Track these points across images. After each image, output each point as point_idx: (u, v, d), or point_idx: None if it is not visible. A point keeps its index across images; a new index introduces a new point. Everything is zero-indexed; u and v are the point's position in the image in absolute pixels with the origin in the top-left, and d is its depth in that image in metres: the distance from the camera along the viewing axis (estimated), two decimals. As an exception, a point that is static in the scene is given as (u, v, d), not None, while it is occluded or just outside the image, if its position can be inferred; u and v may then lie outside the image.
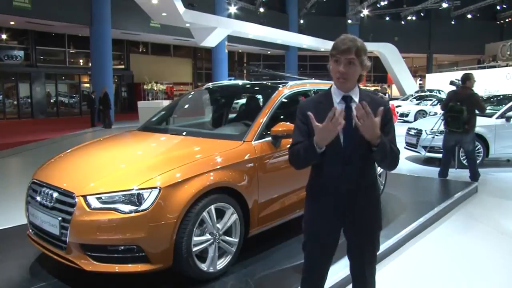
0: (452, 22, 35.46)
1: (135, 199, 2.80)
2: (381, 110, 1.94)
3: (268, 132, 3.59)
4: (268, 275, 3.22)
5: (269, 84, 4.58)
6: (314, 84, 4.52)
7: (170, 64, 30.46)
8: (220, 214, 3.12)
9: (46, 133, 14.29)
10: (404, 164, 8.20)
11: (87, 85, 24.76)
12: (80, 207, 2.79)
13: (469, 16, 33.89)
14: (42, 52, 23.71)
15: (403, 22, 35.24)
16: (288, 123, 3.50)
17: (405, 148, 8.63)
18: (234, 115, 4.86)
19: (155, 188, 2.82)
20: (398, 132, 8.11)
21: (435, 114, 15.59)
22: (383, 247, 3.70)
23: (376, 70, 37.83)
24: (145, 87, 21.70)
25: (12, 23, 20.45)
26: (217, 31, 21.60)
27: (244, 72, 35.49)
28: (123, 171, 3.14)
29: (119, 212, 2.76)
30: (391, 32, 34.49)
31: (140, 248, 2.76)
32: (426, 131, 8.07)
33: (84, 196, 2.82)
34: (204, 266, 3.00)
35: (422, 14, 34.22)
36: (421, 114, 17.75)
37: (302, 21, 34.55)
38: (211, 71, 28.28)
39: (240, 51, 35.45)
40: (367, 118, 1.87)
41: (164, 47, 29.97)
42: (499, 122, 7.88)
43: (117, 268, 2.78)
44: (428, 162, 8.38)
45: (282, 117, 3.95)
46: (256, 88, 4.95)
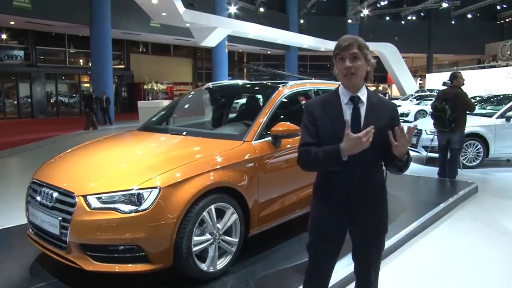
0: (452, 22, 35.46)
1: (135, 199, 2.80)
2: (401, 127, 1.94)
3: (268, 132, 3.59)
4: (268, 275, 3.22)
5: (269, 84, 4.58)
6: (314, 84, 4.52)
7: (170, 64, 30.46)
8: (220, 214, 3.12)
9: (46, 133, 14.29)
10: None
11: (87, 85, 24.76)
12: (80, 207, 2.79)
13: (469, 16, 33.90)
14: (42, 52, 23.72)
15: (403, 22, 35.23)
16: (288, 123, 3.50)
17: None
18: (234, 115, 4.86)
19: (155, 188, 2.82)
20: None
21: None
22: (383, 247, 3.69)
23: (376, 70, 37.64)
24: (145, 87, 21.74)
25: (12, 23, 20.45)
26: (217, 31, 21.60)
27: (244, 70, 35.57)
28: (123, 171, 3.14)
29: (119, 212, 2.76)
30: (391, 32, 34.46)
31: (140, 248, 2.76)
32: (426, 131, 8.07)
33: (84, 196, 2.82)
34: (204, 266, 2.99)
35: (422, 14, 34.21)
36: (421, 114, 17.75)
37: (302, 21, 34.55)
38: (211, 71, 28.28)
39: (240, 51, 35.45)
40: (405, 142, 1.90)
41: (164, 47, 29.97)
42: (499, 122, 7.88)
43: (117, 268, 2.78)
44: (428, 162, 8.37)
45: (282, 117, 3.96)
46: (256, 88, 4.95)
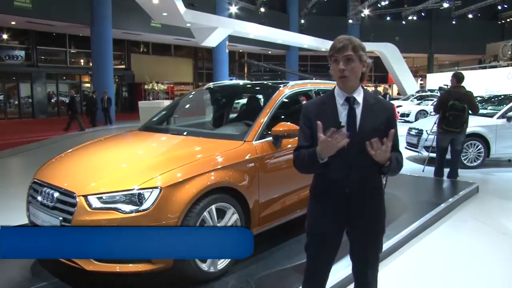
0: (453, 22, 35.46)
1: (136, 199, 2.80)
2: (391, 133, 1.95)
3: (269, 132, 3.59)
4: (269, 275, 3.22)
5: (269, 84, 4.58)
6: (315, 84, 4.52)
7: (171, 64, 30.46)
8: (221, 214, 3.12)
9: (47, 132, 14.30)
10: (405, 164, 8.15)
11: (88, 85, 24.78)
12: (81, 207, 2.79)
13: (470, 16, 33.89)
14: (43, 52, 23.74)
15: (404, 22, 35.22)
16: (288, 123, 3.50)
17: (406, 148, 8.63)
18: (235, 115, 4.87)
19: (156, 188, 2.82)
20: (399, 132, 8.06)
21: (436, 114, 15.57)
22: (383, 247, 3.66)
23: (377, 70, 37.80)
24: (146, 87, 21.75)
25: (13, 23, 20.47)
26: (218, 31, 21.61)
27: (244, 70, 35.49)
28: (124, 171, 3.15)
29: (120, 212, 2.76)
30: (392, 32, 34.46)
31: (141, 248, 2.76)
32: (427, 131, 8.07)
33: (85, 196, 2.82)
34: (204, 266, 3.00)
35: (423, 14, 34.21)
36: (422, 114, 17.74)
37: (303, 21, 34.56)
38: (212, 71, 28.29)
39: (240, 51, 35.45)
40: (381, 151, 1.91)
41: (165, 47, 29.98)
42: (500, 122, 7.87)
43: (118, 268, 2.78)
44: (428, 162, 8.36)
45: (283, 117, 3.96)
46: (257, 88, 4.95)
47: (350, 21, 33.95)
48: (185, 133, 3.99)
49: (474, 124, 7.69)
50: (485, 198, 5.91)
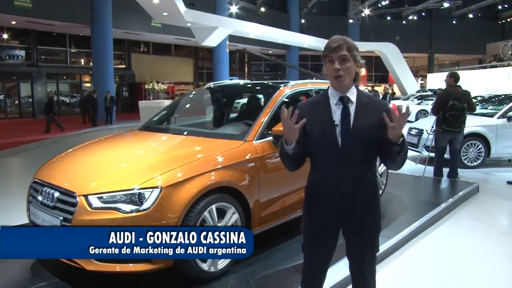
0: (454, 22, 35.45)
1: (136, 199, 2.81)
2: (402, 109, 1.95)
3: (269, 132, 3.59)
4: (269, 275, 3.22)
5: (270, 83, 4.58)
6: (315, 83, 4.52)
7: (171, 63, 30.45)
8: (221, 213, 3.12)
9: (47, 132, 14.30)
10: (405, 164, 8.18)
11: (88, 84, 24.78)
12: (81, 207, 2.79)
13: (470, 15, 33.89)
14: (43, 52, 23.74)
15: (404, 22, 35.21)
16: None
17: (406, 148, 8.61)
18: (235, 114, 4.86)
19: (156, 187, 2.83)
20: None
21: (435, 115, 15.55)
22: (384, 247, 3.70)
23: (377, 69, 37.79)
24: (146, 86, 21.72)
25: (13, 22, 20.47)
26: (218, 30, 21.60)
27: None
28: (124, 171, 3.15)
29: (120, 211, 2.77)
30: (392, 31, 34.44)
31: (141, 247, 2.76)
32: (427, 130, 8.07)
33: (85, 196, 2.82)
34: (205, 266, 2.99)
35: (424, 14, 34.22)
36: (422, 113, 17.74)
37: (303, 20, 34.55)
38: (212, 71, 28.28)
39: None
40: (401, 122, 1.90)
41: (165, 46, 29.98)
42: (500, 122, 7.87)
43: (118, 267, 2.77)
44: (429, 162, 8.36)
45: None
46: (257, 87, 4.94)
47: (351, 20, 33.93)
48: (185, 132, 3.99)
49: (474, 124, 7.69)
50: (485, 198, 5.91)
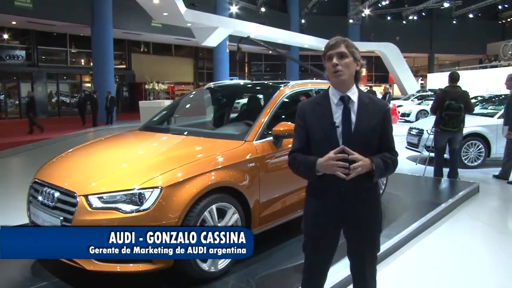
0: (454, 22, 35.43)
1: (137, 199, 2.81)
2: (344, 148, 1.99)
3: (270, 132, 3.59)
4: (269, 275, 3.22)
5: (270, 83, 4.58)
6: (315, 83, 4.52)
7: (171, 63, 30.45)
8: (221, 214, 3.12)
9: (47, 132, 14.31)
10: (405, 164, 8.19)
11: (89, 84, 24.78)
12: (81, 207, 2.79)
13: (470, 15, 33.87)
14: (44, 52, 23.74)
15: (404, 22, 35.18)
16: (289, 123, 3.49)
17: (406, 148, 8.62)
18: (236, 115, 4.87)
19: (157, 187, 2.83)
20: (400, 132, 8.05)
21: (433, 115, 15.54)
22: (384, 246, 3.69)
23: (377, 69, 37.77)
24: (146, 86, 21.71)
25: (13, 23, 20.48)
26: (218, 30, 21.60)
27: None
28: (125, 171, 3.15)
29: (120, 211, 2.77)
30: (393, 31, 34.42)
31: (141, 247, 2.76)
32: (427, 130, 8.06)
33: (86, 196, 2.82)
34: (205, 266, 3.00)
35: (424, 14, 34.20)
36: (422, 114, 17.73)
37: (303, 20, 34.53)
38: (212, 71, 28.27)
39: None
40: (361, 168, 1.96)
41: (166, 46, 29.98)
42: (500, 122, 7.83)
43: (118, 267, 2.77)
44: (429, 162, 8.35)
45: (283, 116, 3.95)
46: (258, 87, 4.94)
47: (351, 21, 33.92)
48: (185, 133, 3.99)
49: (474, 124, 7.70)
50: (485, 198, 5.91)
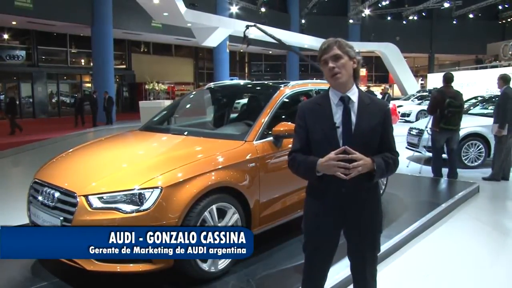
0: (454, 22, 35.42)
1: (137, 199, 2.81)
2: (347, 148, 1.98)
3: (270, 132, 3.59)
4: (270, 275, 3.22)
5: (270, 84, 4.58)
6: (316, 84, 4.52)
7: (171, 64, 30.45)
8: (221, 214, 3.12)
9: (47, 132, 14.31)
10: (406, 164, 8.18)
11: (89, 84, 24.79)
12: (81, 207, 2.79)
13: (470, 16, 33.85)
14: (44, 52, 23.72)
15: (404, 22, 35.17)
16: (289, 123, 3.49)
17: (406, 148, 8.62)
18: (236, 115, 4.86)
19: (157, 187, 2.83)
20: (400, 132, 8.02)
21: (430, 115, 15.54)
22: (384, 247, 3.69)
23: (378, 70, 37.77)
24: (146, 87, 21.72)
25: (13, 23, 20.47)
26: (218, 31, 21.59)
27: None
28: (125, 171, 3.15)
29: (120, 211, 2.77)
30: (393, 32, 34.41)
31: (141, 247, 2.76)
32: (427, 131, 8.06)
33: (86, 196, 2.82)
34: (205, 266, 3.00)
35: (424, 14, 34.20)
36: (422, 114, 17.71)
37: (303, 20, 34.52)
38: (212, 71, 28.27)
39: (241, 50, 35.42)
40: (361, 167, 1.96)
41: (166, 47, 29.97)
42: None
43: (118, 267, 2.78)
44: (430, 162, 8.35)
45: (283, 117, 3.96)
46: (258, 88, 4.95)
47: (351, 21, 33.90)
48: (185, 133, 3.99)
49: (475, 124, 7.69)
50: (486, 198, 5.91)
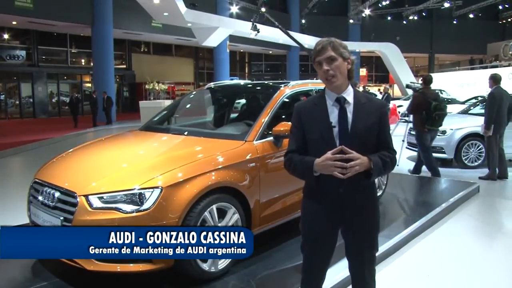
0: (454, 22, 35.37)
1: (137, 199, 2.81)
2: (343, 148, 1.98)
3: (270, 132, 3.59)
4: (270, 275, 3.22)
5: (270, 84, 4.59)
6: (316, 84, 4.51)
7: (171, 64, 30.46)
8: (221, 214, 3.12)
9: (47, 132, 14.31)
10: (406, 164, 8.18)
11: (89, 84, 24.80)
12: (82, 207, 2.80)
13: (471, 16, 33.81)
14: (44, 52, 23.74)
15: (404, 22, 35.11)
16: (289, 123, 3.48)
17: (406, 148, 8.61)
18: (236, 115, 4.87)
19: (157, 187, 2.83)
20: (400, 132, 8.02)
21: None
22: (384, 247, 3.69)
23: (378, 70, 37.77)
24: (146, 86, 21.72)
25: (14, 23, 20.48)
26: (218, 30, 21.60)
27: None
28: (125, 171, 3.15)
29: (120, 211, 2.77)
30: (393, 31, 34.39)
31: (141, 247, 2.76)
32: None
33: (86, 196, 2.83)
34: (205, 266, 3.00)
35: (424, 14, 34.14)
36: (422, 114, 17.69)
37: (303, 20, 34.50)
38: (212, 71, 28.28)
39: (241, 50, 35.45)
40: (358, 166, 1.95)
41: (166, 46, 29.99)
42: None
43: (118, 267, 2.78)
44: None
45: (283, 116, 3.95)
46: (258, 88, 4.95)
47: (351, 21, 33.87)
48: (186, 133, 3.99)
49: (474, 124, 7.68)
50: (486, 198, 5.91)
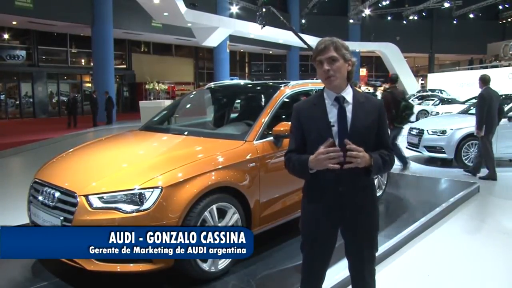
0: (454, 22, 35.41)
1: (137, 199, 2.81)
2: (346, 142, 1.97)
3: (270, 132, 3.59)
4: (270, 275, 3.22)
5: (270, 84, 4.59)
6: (316, 83, 4.51)
7: (171, 63, 30.48)
8: (221, 213, 3.12)
9: (47, 132, 14.31)
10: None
11: (89, 84, 24.81)
12: (82, 207, 2.80)
13: (471, 15, 33.84)
14: (44, 52, 23.75)
15: (405, 22, 35.14)
16: (289, 123, 3.48)
17: (407, 148, 8.62)
18: (236, 114, 4.86)
19: (157, 187, 2.83)
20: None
21: (437, 113, 15.55)
22: (384, 247, 3.69)
23: (378, 70, 37.78)
24: (146, 86, 21.72)
25: (14, 23, 20.50)
26: (218, 30, 21.62)
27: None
28: (125, 171, 3.15)
29: (121, 211, 2.77)
30: (393, 31, 34.42)
31: (141, 247, 2.76)
32: (428, 131, 8.06)
33: (86, 196, 2.83)
34: (205, 266, 3.00)
35: (424, 14, 34.18)
36: (423, 114, 17.73)
37: (303, 20, 34.52)
38: (212, 71, 28.29)
39: (241, 50, 35.46)
40: (360, 158, 1.94)
41: (166, 46, 30.00)
42: (501, 122, 7.83)
43: (118, 267, 2.78)
44: (430, 162, 8.36)
45: (284, 116, 3.95)
46: (258, 88, 4.95)
47: (351, 21, 33.89)
48: (186, 133, 3.99)
49: (474, 124, 7.67)
50: (486, 198, 5.91)
